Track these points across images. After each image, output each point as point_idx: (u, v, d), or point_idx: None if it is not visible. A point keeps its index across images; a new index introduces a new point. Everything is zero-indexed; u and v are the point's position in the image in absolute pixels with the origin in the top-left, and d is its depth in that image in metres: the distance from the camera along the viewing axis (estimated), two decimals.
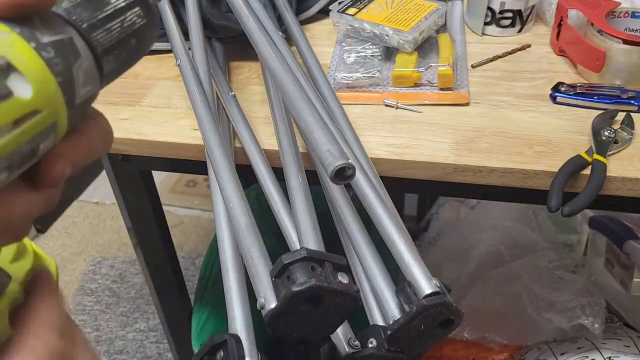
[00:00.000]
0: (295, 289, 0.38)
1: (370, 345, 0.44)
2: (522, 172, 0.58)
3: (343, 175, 0.40)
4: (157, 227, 0.86)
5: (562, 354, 0.83)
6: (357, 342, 0.44)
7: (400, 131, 0.63)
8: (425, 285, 0.43)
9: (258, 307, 0.41)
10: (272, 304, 0.39)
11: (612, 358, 0.78)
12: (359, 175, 0.51)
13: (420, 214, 1.37)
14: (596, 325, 0.86)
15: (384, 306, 0.46)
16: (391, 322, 0.44)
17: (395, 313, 0.44)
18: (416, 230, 1.30)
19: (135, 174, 0.78)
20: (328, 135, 0.42)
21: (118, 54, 0.25)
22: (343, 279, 0.40)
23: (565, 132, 0.62)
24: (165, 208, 0.87)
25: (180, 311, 0.99)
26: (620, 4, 0.70)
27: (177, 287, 0.97)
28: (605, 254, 0.95)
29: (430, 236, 1.19)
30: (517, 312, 0.92)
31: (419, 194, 1.36)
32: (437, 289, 0.43)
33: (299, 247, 0.43)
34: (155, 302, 1.00)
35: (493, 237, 1.07)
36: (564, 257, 1.00)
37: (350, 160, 0.40)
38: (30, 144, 0.21)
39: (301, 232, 0.45)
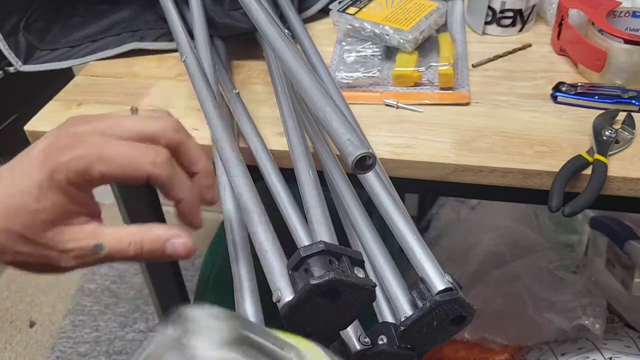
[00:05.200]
0: (314, 281, 0.37)
1: (380, 342, 0.43)
2: (523, 172, 0.57)
3: (364, 164, 0.40)
4: None
5: (562, 355, 0.83)
6: (367, 339, 0.44)
7: (400, 131, 0.63)
8: (438, 281, 0.43)
9: (274, 300, 0.40)
10: (289, 297, 0.39)
11: (612, 358, 0.78)
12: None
13: (421, 214, 1.37)
14: (597, 326, 0.86)
15: (394, 303, 0.46)
16: (403, 319, 0.43)
17: (406, 309, 0.44)
18: None
19: None
20: (347, 125, 0.42)
21: None
22: (360, 273, 0.40)
23: (566, 132, 0.62)
24: (164, 208, 0.87)
25: None
26: (621, 3, 0.70)
27: (177, 287, 0.97)
28: (606, 254, 0.95)
29: (430, 236, 1.19)
30: (517, 312, 0.92)
31: (420, 194, 1.36)
32: (450, 285, 0.43)
33: (310, 243, 0.43)
34: (154, 303, 1.00)
35: (494, 237, 1.06)
36: (564, 258, 1.00)
37: (370, 150, 0.40)
38: None
39: (315, 227, 0.45)
